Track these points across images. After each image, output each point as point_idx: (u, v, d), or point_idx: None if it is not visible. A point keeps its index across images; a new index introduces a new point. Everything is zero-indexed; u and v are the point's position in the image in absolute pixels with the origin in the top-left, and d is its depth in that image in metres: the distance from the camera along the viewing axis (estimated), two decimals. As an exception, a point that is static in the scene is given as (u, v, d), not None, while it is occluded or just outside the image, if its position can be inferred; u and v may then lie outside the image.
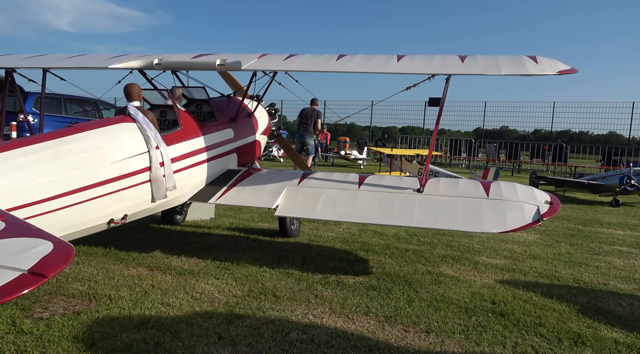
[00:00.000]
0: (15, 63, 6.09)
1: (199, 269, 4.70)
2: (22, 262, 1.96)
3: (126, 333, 3.24)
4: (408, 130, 32.35)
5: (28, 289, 1.85)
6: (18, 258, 1.99)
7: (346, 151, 18.46)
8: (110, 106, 15.33)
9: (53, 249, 2.09)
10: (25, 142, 3.63)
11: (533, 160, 20.24)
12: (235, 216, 7.53)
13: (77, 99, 14.16)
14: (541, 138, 26.76)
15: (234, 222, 7.06)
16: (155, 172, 4.44)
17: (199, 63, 5.53)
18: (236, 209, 7.94)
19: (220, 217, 7.29)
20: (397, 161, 13.82)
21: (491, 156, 20.14)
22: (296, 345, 3.17)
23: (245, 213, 7.74)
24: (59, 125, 11.93)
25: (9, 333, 3.17)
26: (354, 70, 4.92)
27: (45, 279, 1.91)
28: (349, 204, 4.74)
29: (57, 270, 1.98)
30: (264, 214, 7.72)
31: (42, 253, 2.05)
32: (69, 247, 2.15)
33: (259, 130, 6.51)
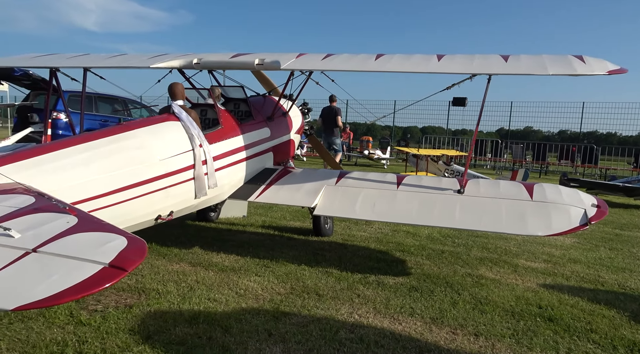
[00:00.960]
0: (58, 63, 6.25)
1: (239, 266, 4.76)
2: (102, 255, 2.02)
3: (179, 327, 3.31)
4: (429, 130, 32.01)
5: (110, 283, 1.91)
6: (97, 252, 2.06)
7: (369, 151, 18.40)
8: (139, 104, 15.64)
9: (128, 244, 2.15)
10: (81, 140, 3.74)
11: (561, 161, 19.80)
12: (266, 214, 7.59)
13: (107, 98, 14.48)
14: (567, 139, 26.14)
15: (266, 220, 7.12)
16: (199, 170, 4.52)
17: (237, 62, 5.59)
18: (267, 208, 8.00)
19: (252, 215, 7.36)
20: (423, 161, 13.71)
21: (518, 157, 19.77)
22: (346, 344, 3.19)
23: (276, 211, 7.80)
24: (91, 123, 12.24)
25: (69, 324, 3.27)
26: (394, 69, 4.89)
27: (125, 272, 1.97)
28: (388, 204, 4.73)
29: (135, 264, 2.04)
30: (294, 212, 7.76)
31: (118, 247, 2.11)
32: (141, 242, 2.20)
33: (293, 129, 6.55)
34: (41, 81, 12.63)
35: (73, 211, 2.51)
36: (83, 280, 1.87)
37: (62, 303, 1.86)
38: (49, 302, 1.77)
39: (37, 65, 6.25)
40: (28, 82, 12.69)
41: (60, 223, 2.34)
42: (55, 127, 11.79)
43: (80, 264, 1.97)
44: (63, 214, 2.46)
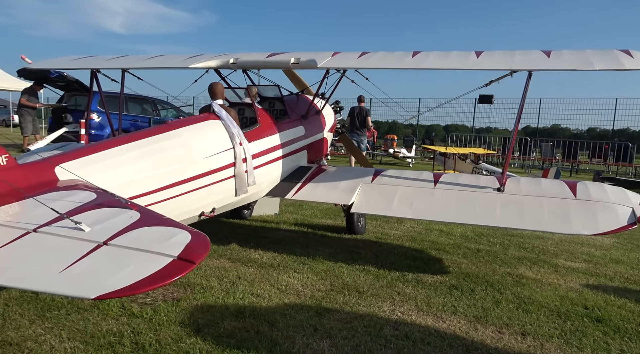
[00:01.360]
0: (99, 64, 6.45)
1: (277, 262, 4.83)
2: (170, 248, 2.10)
3: (227, 321, 3.39)
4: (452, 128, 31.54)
5: (181, 275, 1.98)
6: (165, 245, 2.13)
7: (394, 149, 18.28)
8: (167, 105, 15.97)
9: (192, 238, 2.22)
10: (130, 139, 3.86)
11: (592, 160, 19.21)
12: (297, 211, 7.66)
13: (136, 98, 14.82)
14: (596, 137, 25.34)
15: (298, 218, 7.18)
16: (239, 168, 4.60)
17: (273, 62, 5.66)
18: (297, 206, 8.07)
19: (284, 213, 7.43)
20: (450, 159, 13.54)
21: (547, 156, 19.30)
22: (392, 341, 3.20)
23: (307, 210, 7.85)
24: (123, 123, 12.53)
25: (122, 316, 3.39)
26: (432, 66, 4.86)
27: (193, 265, 2.04)
28: (426, 202, 4.71)
29: (202, 257, 2.10)
30: (325, 210, 7.80)
31: (184, 241, 2.18)
32: (204, 235, 2.27)
33: (326, 127, 6.59)
34: (75, 83, 13.05)
35: (134, 206, 2.60)
36: (155, 272, 1.94)
37: (138, 293, 1.93)
38: (126, 292, 1.85)
39: (79, 66, 6.46)
40: (62, 83, 13.13)
41: (124, 218, 2.43)
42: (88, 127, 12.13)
43: (150, 256, 2.05)
44: (126, 209, 2.56)
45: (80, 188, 2.92)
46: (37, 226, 2.30)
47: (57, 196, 2.65)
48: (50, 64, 6.96)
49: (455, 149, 14.36)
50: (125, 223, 2.35)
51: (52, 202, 2.51)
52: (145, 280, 1.90)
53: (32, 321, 3.25)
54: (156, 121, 14.70)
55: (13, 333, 3.07)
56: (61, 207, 2.43)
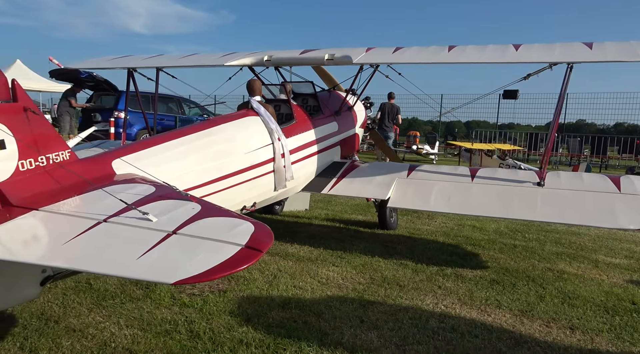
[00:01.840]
0: (135, 63, 6.62)
1: (315, 256, 4.89)
2: (237, 238, 2.16)
3: (274, 311, 3.47)
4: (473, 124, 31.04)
5: (251, 262, 2.04)
6: (231, 234, 2.20)
7: (418, 146, 18.14)
8: (192, 103, 16.23)
9: (255, 228, 2.28)
10: (178, 134, 3.97)
11: (623, 155, 18.67)
12: (327, 207, 7.71)
13: (162, 97, 15.09)
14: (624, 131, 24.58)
15: (329, 213, 7.24)
16: (278, 163, 4.68)
17: (307, 58, 5.72)
18: (326, 201, 8.12)
19: (314, 209, 7.49)
20: (476, 155, 13.38)
21: (575, 151, 18.84)
22: (439, 333, 3.22)
23: (336, 205, 7.90)
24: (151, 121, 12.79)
25: (174, 305, 3.51)
26: (469, 60, 4.83)
27: (261, 253, 2.10)
28: (464, 196, 4.69)
29: (267, 246, 2.16)
30: (354, 206, 7.84)
31: (249, 231, 2.24)
32: (266, 225, 2.34)
33: (358, 123, 6.62)
34: (103, 83, 13.38)
35: (193, 198, 2.69)
36: (226, 259, 2.01)
37: (213, 279, 2.02)
38: (202, 278, 1.93)
39: (117, 66, 6.63)
40: (92, 83, 13.48)
41: (187, 209, 2.51)
42: (116, 125, 12.43)
43: (219, 245, 2.12)
44: (186, 201, 2.65)
45: (138, 181, 3.03)
46: (106, 216, 2.40)
47: (119, 189, 2.76)
48: (89, 64, 7.17)
49: (482, 145, 14.18)
50: (189, 214, 2.43)
51: (117, 194, 2.62)
52: (218, 267, 1.97)
53: (90, 309, 3.40)
54: (182, 119, 14.98)
55: (74, 320, 3.21)
56: (126, 199, 2.54)
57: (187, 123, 14.93)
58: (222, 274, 1.97)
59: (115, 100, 13.48)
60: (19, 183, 2.64)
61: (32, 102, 2.80)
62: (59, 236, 2.31)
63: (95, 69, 9.94)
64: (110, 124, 12.31)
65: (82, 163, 3.06)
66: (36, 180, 2.73)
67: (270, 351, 2.90)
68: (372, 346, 3.00)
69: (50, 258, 2.20)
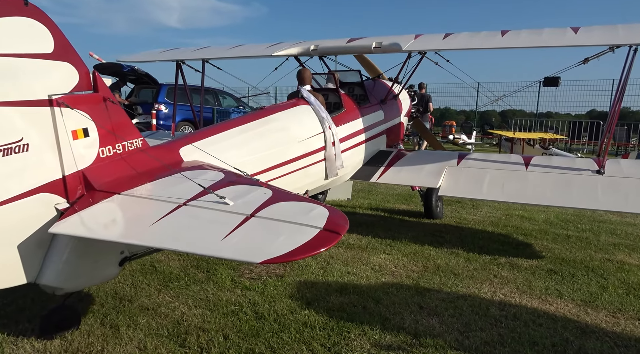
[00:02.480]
0: (183, 56, 6.79)
1: (365, 244, 4.93)
2: (314, 221, 2.23)
3: (332, 296, 3.53)
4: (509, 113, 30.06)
5: (330, 245, 2.10)
6: (308, 217, 2.27)
7: (454, 135, 17.81)
8: (227, 95, 16.49)
9: (330, 212, 2.34)
10: (236, 123, 4.06)
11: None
12: (368, 197, 7.72)
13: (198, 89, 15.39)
14: (671, 118, 23.13)
15: (372, 203, 7.25)
16: (329, 151, 4.72)
17: (354, 47, 5.70)
18: (367, 191, 8.14)
19: (355, 198, 7.51)
20: (517, 145, 13.02)
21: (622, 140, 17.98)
22: (501, 321, 3.20)
23: (377, 195, 7.90)
24: (186, 113, 13.12)
25: (236, 288, 3.64)
26: (525, 45, 4.69)
27: (339, 236, 2.16)
28: (518, 185, 4.59)
29: (345, 229, 2.22)
30: (396, 196, 7.81)
31: (324, 214, 2.30)
32: (339, 210, 2.39)
33: (403, 112, 6.56)
34: (144, 76, 13.77)
35: (264, 185, 2.77)
36: (307, 241, 2.08)
37: (297, 259, 2.08)
38: (286, 258, 2.00)
39: (166, 58, 6.82)
40: (133, 77, 13.90)
41: (259, 193, 2.59)
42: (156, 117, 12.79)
43: (299, 227, 2.19)
44: (257, 186, 2.73)
45: (206, 167, 3.14)
46: (185, 199, 2.52)
47: (193, 174, 2.87)
48: (140, 57, 7.42)
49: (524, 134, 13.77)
50: (262, 198, 2.51)
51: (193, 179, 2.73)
52: (301, 248, 2.04)
53: (158, 290, 3.57)
54: (219, 111, 15.26)
55: (146, 299, 3.39)
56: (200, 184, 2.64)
57: (223, 115, 15.22)
58: (306, 255, 2.03)
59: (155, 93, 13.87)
60: (100, 169, 2.80)
61: (110, 92, 2.95)
62: (144, 218, 2.44)
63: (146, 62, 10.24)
64: (151, 116, 12.66)
65: (154, 151, 3.20)
66: (115, 166, 2.88)
67: (335, 333, 2.97)
68: (434, 332, 3.02)
69: (141, 238, 2.33)
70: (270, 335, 2.92)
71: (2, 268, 2.43)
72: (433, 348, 2.82)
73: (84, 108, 2.73)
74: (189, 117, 13.47)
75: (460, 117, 30.75)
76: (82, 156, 2.72)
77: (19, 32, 2.41)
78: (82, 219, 2.49)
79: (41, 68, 2.53)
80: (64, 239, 2.60)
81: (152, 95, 13.76)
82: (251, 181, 2.85)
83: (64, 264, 2.63)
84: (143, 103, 13.76)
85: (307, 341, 2.86)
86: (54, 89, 2.60)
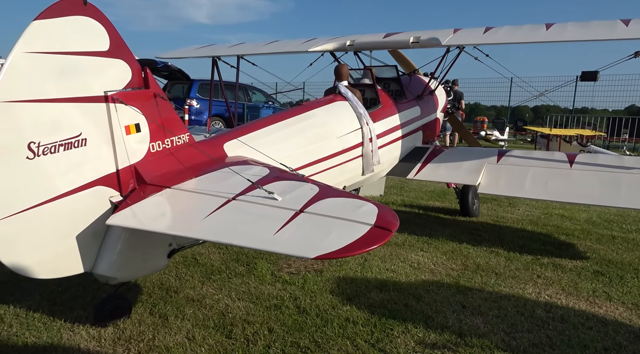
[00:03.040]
0: (219, 52, 6.88)
1: (401, 241, 4.89)
2: (364, 217, 2.22)
3: (372, 292, 3.53)
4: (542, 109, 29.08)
5: (383, 242, 2.09)
6: (358, 214, 2.26)
7: (486, 132, 17.38)
8: (256, 90, 16.65)
9: (379, 209, 2.33)
10: (276, 119, 4.09)
11: None
12: (401, 193, 7.66)
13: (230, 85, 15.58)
14: None
15: (405, 199, 7.18)
16: (366, 148, 4.69)
17: (391, 42, 5.65)
18: (399, 188, 8.08)
19: (388, 195, 7.46)
20: (554, 141, 12.60)
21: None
22: (549, 323, 3.12)
23: (410, 192, 7.82)
24: (217, 108, 13.31)
25: (276, 282, 3.68)
26: (572, 38, 4.51)
27: (391, 233, 2.14)
28: (562, 183, 4.45)
29: (396, 226, 2.20)
30: (429, 193, 7.71)
31: (374, 211, 2.29)
32: (388, 208, 2.37)
33: (439, 108, 6.46)
34: (177, 72, 14.06)
35: (310, 181, 2.78)
36: (359, 238, 2.07)
37: (351, 255, 2.10)
38: (341, 254, 2.01)
39: (203, 55, 6.93)
40: (166, 73, 14.21)
41: (306, 189, 2.61)
42: (189, 112, 13.02)
43: (350, 224, 2.19)
44: (303, 182, 2.75)
45: (251, 163, 3.18)
46: (234, 194, 2.56)
47: (239, 169, 2.91)
48: (178, 53, 7.56)
49: (560, 130, 13.31)
50: (309, 194, 2.52)
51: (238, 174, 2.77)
52: (354, 245, 2.04)
53: (202, 282, 3.65)
54: (248, 106, 15.43)
55: (191, 291, 3.48)
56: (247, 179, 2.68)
57: (253, 110, 15.37)
58: (360, 252, 2.04)
59: (187, 88, 14.14)
60: (151, 163, 2.88)
61: (160, 88, 3.02)
62: (196, 212, 2.50)
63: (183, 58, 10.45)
64: (184, 111, 12.90)
65: (199, 146, 3.26)
66: (164, 160, 2.96)
67: (378, 330, 2.96)
68: (479, 332, 2.97)
69: (195, 231, 2.39)
70: (313, 330, 2.94)
71: (63, 257, 2.54)
72: (479, 348, 2.78)
73: (136, 104, 2.81)
74: (219, 113, 13.69)
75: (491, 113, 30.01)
76: (134, 150, 2.81)
77: (79, 31, 2.50)
78: (136, 212, 2.57)
79: (98, 65, 2.62)
80: (117, 231, 2.69)
81: (184, 91, 14.04)
82: (297, 177, 2.87)
83: (118, 254, 2.72)
84: (175, 98, 14.06)
85: (351, 336, 2.87)
86: (109, 85, 2.69)
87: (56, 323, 2.96)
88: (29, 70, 2.28)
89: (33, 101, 2.29)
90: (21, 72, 2.26)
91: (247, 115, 15.00)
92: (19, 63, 2.25)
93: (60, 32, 2.40)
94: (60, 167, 2.45)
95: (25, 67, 2.27)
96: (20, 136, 2.27)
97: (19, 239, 2.35)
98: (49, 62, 2.36)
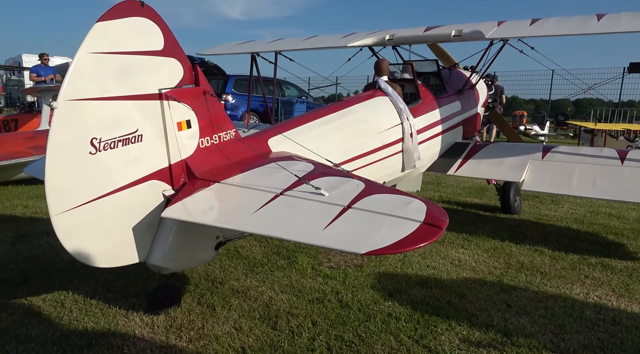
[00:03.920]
0: (258, 48, 6.97)
1: (441, 238, 4.77)
2: (414, 214, 2.23)
3: (414, 289, 3.52)
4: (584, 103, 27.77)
5: (433, 238, 2.10)
6: (407, 210, 2.27)
7: (526, 126, 16.80)
8: (290, 85, 16.77)
9: (428, 206, 2.32)
10: (317, 115, 4.13)
11: None
12: (437, 189, 7.55)
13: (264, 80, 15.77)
14: None
15: (442, 196, 7.08)
16: (407, 143, 4.65)
17: (432, 36, 5.55)
18: (435, 183, 7.96)
19: (424, 191, 7.35)
20: (599, 137, 12.04)
21: None
22: (599, 324, 3.02)
23: (447, 188, 7.70)
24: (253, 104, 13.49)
25: (317, 276, 3.74)
26: (628, 29, 4.30)
27: (441, 230, 2.14)
28: (613, 181, 4.27)
29: (445, 223, 2.20)
30: (467, 189, 7.57)
31: (422, 208, 2.29)
32: (437, 204, 2.37)
33: (480, 102, 6.31)
34: (213, 68, 14.35)
35: (355, 177, 2.81)
36: (409, 234, 2.09)
37: (402, 252, 2.10)
38: (392, 250, 2.03)
39: (242, 51, 7.05)
40: (203, 68, 14.52)
41: (352, 185, 2.63)
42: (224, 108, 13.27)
43: (399, 220, 2.20)
44: (348, 178, 2.77)
45: (295, 158, 3.23)
46: (282, 189, 2.62)
47: (285, 165, 2.97)
48: (218, 50, 7.73)
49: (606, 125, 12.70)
50: (356, 190, 2.55)
51: (285, 169, 2.82)
52: (404, 241, 2.05)
53: (245, 274, 3.75)
54: (282, 101, 15.57)
55: (235, 282, 3.58)
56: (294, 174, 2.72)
57: (287, 105, 15.50)
58: (410, 248, 2.05)
59: (223, 84, 14.41)
60: (200, 158, 2.98)
61: (209, 86, 3.11)
62: (245, 206, 2.57)
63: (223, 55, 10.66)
64: (221, 106, 13.13)
65: (246, 141, 3.34)
66: (213, 156, 3.05)
67: (421, 326, 2.96)
68: (526, 332, 2.91)
69: (246, 225, 2.46)
70: (357, 324, 2.97)
71: (121, 247, 2.67)
72: (526, 348, 2.73)
73: (188, 101, 2.91)
74: (254, 108, 13.89)
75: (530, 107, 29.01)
76: (186, 145, 2.91)
77: (136, 31, 2.61)
78: (188, 205, 2.67)
79: (154, 64, 2.73)
80: (169, 223, 2.81)
81: (219, 86, 14.33)
82: (342, 172, 2.90)
83: (170, 246, 2.84)
84: None
85: (394, 332, 2.89)
86: (163, 83, 2.80)
87: (112, 309, 3.13)
88: (93, 70, 2.41)
89: (97, 98, 2.42)
90: (86, 72, 2.38)
91: (281, 110, 15.15)
92: (83, 63, 2.37)
93: (121, 33, 2.52)
94: (118, 161, 2.58)
95: (89, 67, 2.39)
96: (85, 132, 2.40)
97: (82, 229, 2.50)
98: (110, 61, 2.48)
